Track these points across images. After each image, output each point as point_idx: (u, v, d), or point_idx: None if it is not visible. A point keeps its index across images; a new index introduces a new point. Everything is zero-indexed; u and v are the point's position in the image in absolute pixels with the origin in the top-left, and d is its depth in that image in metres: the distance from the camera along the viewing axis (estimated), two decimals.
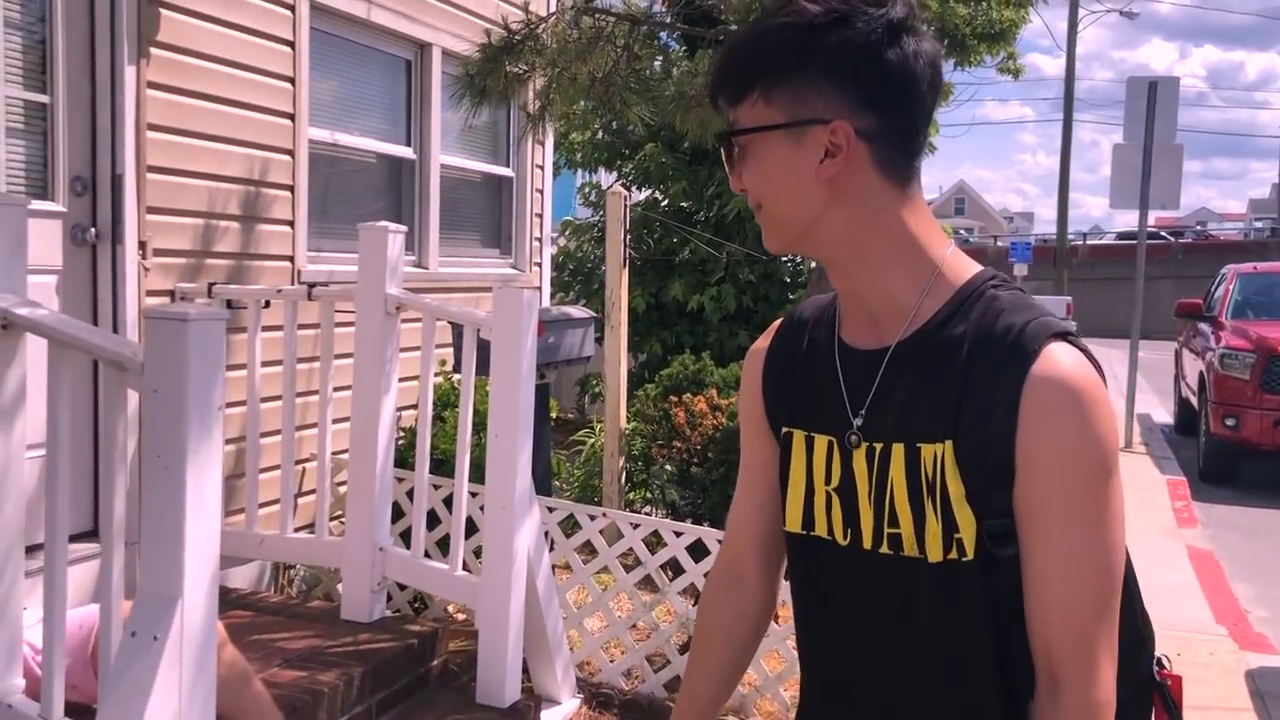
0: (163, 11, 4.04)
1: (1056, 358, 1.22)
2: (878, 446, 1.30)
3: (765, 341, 1.49)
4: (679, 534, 4.17)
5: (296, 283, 4.66)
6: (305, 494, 4.65)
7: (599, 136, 10.19)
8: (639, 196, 10.02)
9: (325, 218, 5.09)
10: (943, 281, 1.30)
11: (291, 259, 4.78)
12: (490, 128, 6.40)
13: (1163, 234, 35.44)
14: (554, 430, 6.82)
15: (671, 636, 4.21)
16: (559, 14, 4.96)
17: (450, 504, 4.04)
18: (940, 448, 1.25)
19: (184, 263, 4.22)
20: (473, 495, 3.98)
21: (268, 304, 4.22)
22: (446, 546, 4.01)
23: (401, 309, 3.90)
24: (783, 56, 1.26)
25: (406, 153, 5.65)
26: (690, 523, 4.70)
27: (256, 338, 4.14)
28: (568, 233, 10.47)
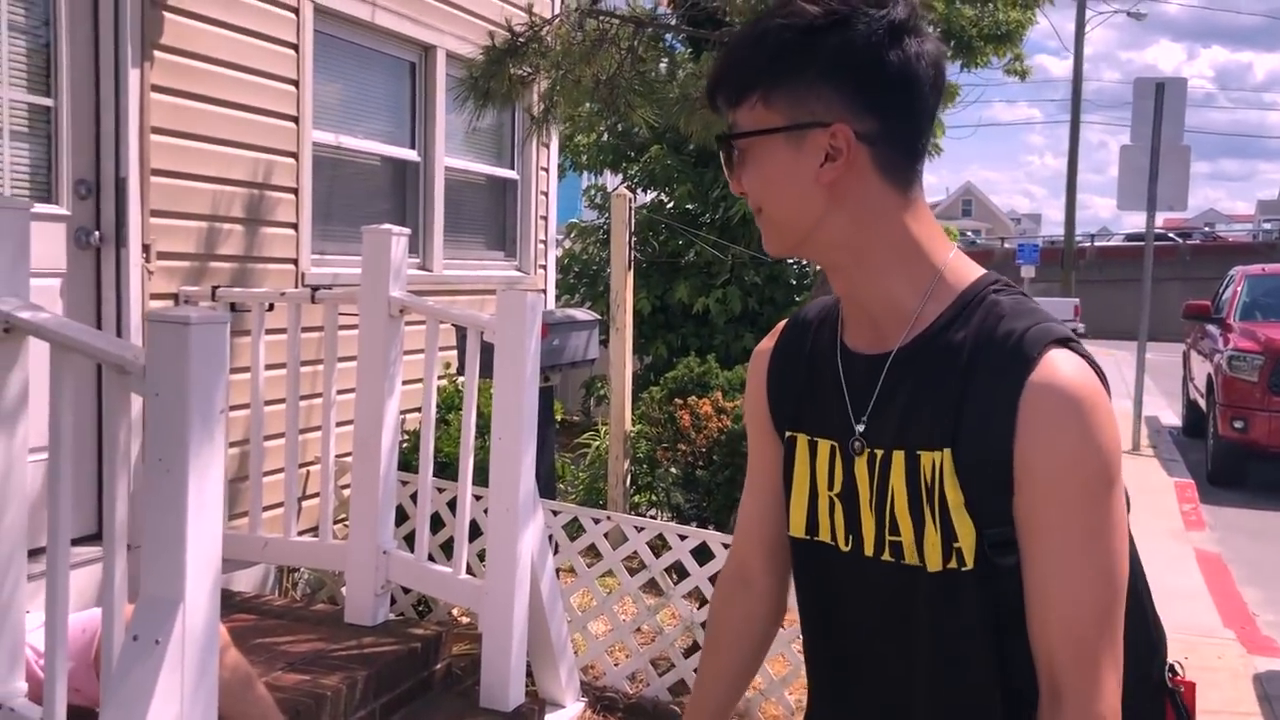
0: (166, 14, 4.05)
1: (1056, 364, 1.21)
2: (879, 453, 1.29)
3: (770, 342, 1.48)
4: (684, 537, 4.16)
5: (300, 285, 4.67)
6: (309, 497, 4.64)
7: (604, 139, 10.18)
8: (644, 199, 10.01)
9: (329, 220, 5.09)
10: (945, 286, 1.29)
11: (295, 262, 4.78)
12: (495, 130, 6.39)
13: (1170, 235, 35.33)
14: (559, 433, 6.81)
15: (676, 640, 4.20)
16: (563, 16, 4.95)
17: (454, 507, 4.04)
18: (939, 455, 1.24)
19: (188, 266, 4.23)
20: (477, 498, 3.98)
21: (271, 307, 4.22)
22: (450, 550, 4.00)
23: (405, 312, 3.90)
24: (782, 59, 1.25)
25: (411, 155, 5.65)
26: (695, 526, 4.68)
27: (260, 340, 4.14)
28: (573, 235, 10.46)
